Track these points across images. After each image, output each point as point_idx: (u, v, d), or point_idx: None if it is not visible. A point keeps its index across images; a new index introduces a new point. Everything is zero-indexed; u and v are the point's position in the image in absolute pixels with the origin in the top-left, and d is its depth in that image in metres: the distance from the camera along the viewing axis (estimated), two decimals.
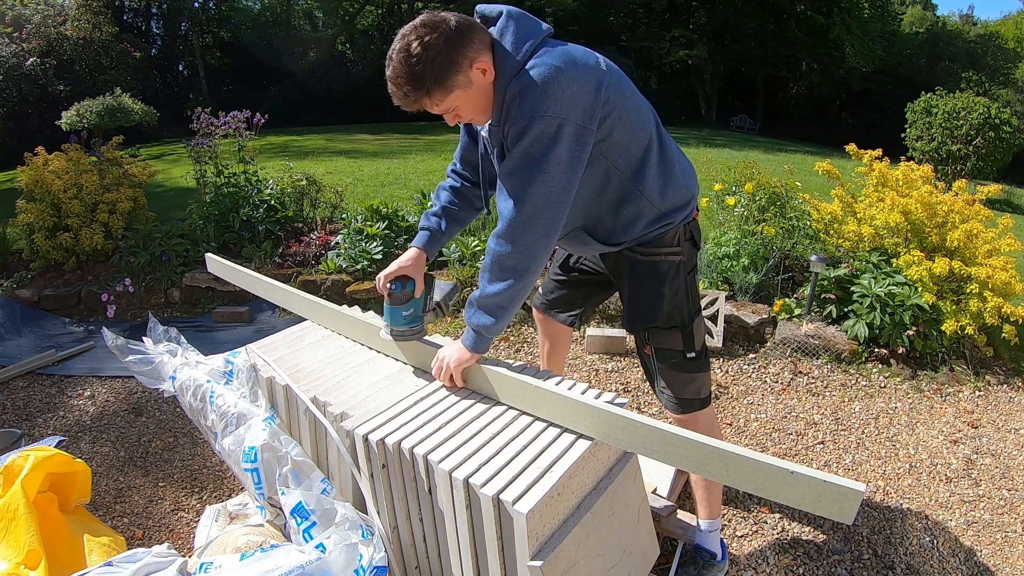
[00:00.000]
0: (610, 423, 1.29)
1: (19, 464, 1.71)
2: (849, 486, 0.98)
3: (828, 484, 1.00)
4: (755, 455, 1.08)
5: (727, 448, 1.11)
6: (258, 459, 1.65)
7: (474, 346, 1.46)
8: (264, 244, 4.25)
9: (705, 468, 1.14)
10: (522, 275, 1.35)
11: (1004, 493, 2.35)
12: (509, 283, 1.36)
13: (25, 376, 3.20)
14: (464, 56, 1.27)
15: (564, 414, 1.39)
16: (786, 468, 1.04)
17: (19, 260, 4.51)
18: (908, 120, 9.73)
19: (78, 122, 7.89)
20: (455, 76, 1.27)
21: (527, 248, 1.33)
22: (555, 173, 1.28)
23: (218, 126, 4.60)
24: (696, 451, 1.15)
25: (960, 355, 3.26)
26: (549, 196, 1.29)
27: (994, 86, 25.12)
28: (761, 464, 1.07)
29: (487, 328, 1.42)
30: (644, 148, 1.44)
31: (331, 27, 22.64)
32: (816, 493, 1.02)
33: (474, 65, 1.29)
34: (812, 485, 1.02)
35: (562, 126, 1.26)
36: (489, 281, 1.39)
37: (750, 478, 1.09)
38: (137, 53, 13.79)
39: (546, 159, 1.27)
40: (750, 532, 2.06)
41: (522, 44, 1.31)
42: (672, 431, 1.18)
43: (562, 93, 1.25)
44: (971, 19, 34.22)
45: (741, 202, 3.89)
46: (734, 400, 2.91)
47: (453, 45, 1.25)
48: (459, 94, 1.30)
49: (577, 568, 1.29)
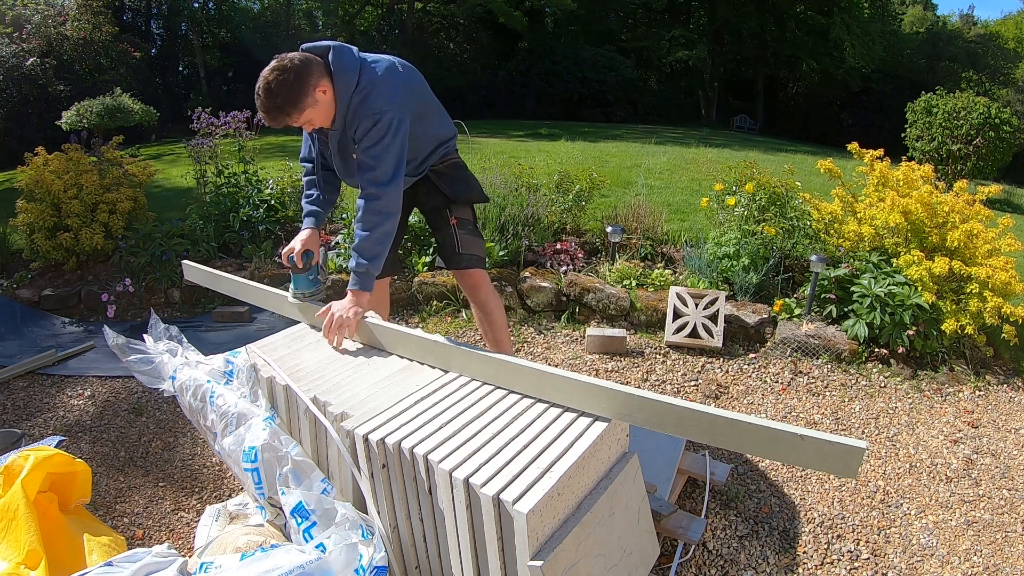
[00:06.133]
0: (626, 403, 1.38)
1: (19, 464, 1.71)
2: (853, 444, 1.12)
3: (834, 444, 1.13)
4: (767, 423, 1.20)
5: (741, 418, 1.22)
6: (258, 459, 1.65)
7: (361, 286, 1.87)
8: (264, 244, 4.25)
9: (719, 437, 1.25)
10: (388, 215, 1.88)
11: (1004, 493, 2.35)
12: (381, 223, 1.88)
13: (25, 376, 3.20)
14: (307, 84, 1.77)
15: (581, 398, 1.45)
16: (797, 433, 1.16)
17: (19, 260, 4.51)
18: (908, 120, 9.72)
19: (78, 122, 7.89)
20: (304, 99, 1.77)
21: (393, 196, 1.89)
22: (400, 145, 1.88)
23: (218, 126, 4.60)
24: (711, 423, 1.25)
25: (960, 355, 3.26)
26: (397, 160, 1.88)
27: (994, 86, 25.10)
28: (774, 431, 1.18)
29: (371, 265, 1.88)
30: (433, 113, 2.11)
31: (331, 27, 22.63)
32: (823, 453, 1.15)
33: (316, 89, 1.79)
34: (820, 446, 1.15)
35: (395, 117, 1.86)
36: (363, 228, 1.87)
37: (763, 445, 1.21)
38: (137, 53, 13.76)
39: (397, 134, 1.86)
40: (750, 532, 2.06)
41: (354, 66, 1.85)
42: (686, 406, 1.28)
43: (394, 92, 1.87)
44: (971, 19, 34.18)
45: (741, 202, 3.89)
46: (734, 400, 2.91)
47: (299, 78, 1.75)
48: (309, 111, 1.81)
49: (577, 568, 1.29)
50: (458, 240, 2.23)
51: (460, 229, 2.23)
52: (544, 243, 4.12)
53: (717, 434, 1.25)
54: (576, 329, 3.52)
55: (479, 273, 2.31)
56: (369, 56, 1.93)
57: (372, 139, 1.85)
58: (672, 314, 3.34)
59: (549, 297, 3.65)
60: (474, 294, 2.35)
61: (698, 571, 1.90)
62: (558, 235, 4.32)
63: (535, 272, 3.80)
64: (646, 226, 4.35)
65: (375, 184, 1.87)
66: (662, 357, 3.26)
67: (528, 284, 3.66)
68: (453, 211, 2.22)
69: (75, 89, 10.73)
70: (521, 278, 3.72)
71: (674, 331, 3.31)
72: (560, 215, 4.37)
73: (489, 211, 3.98)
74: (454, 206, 2.22)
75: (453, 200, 2.21)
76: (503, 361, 1.57)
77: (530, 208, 4.08)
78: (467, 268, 2.27)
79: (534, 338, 3.45)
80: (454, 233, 2.23)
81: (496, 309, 2.37)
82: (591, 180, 4.42)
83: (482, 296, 2.34)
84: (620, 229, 3.84)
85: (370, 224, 1.88)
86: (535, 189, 4.34)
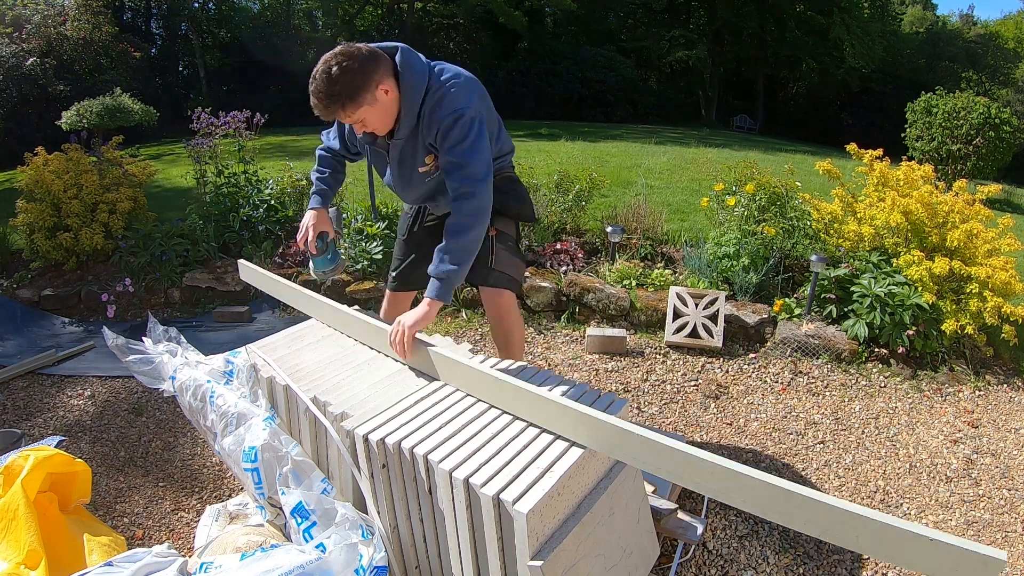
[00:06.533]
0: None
1: (19, 464, 1.71)
2: (991, 555, 0.89)
3: (966, 552, 0.90)
4: (871, 513, 0.98)
5: (838, 505, 0.99)
6: (258, 459, 1.65)
7: (440, 294, 1.72)
8: (264, 244, 4.25)
9: (798, 519, 1.03)
10: (483, 216, 1.75)
11: (1004, 493, 2.35)
12: (475, 225, 1.74)
13: (25, 376, 3.19)
14: (371, 79, 1.63)
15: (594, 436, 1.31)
16: (922, 535, 0.93)
17: (19, 260, 4.51)
18: (908, 120, 9.72)
19: (78, 122, 7.88)
20: (365, 93, 1.63)
21: (487, 194, 1.76)
22: (487, 143, 1.77)
23: (218, 126, 4.60)
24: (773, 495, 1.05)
25: (960, 355, 3.26)
26: (487, 156, 1.77)
27: (994, 86, 25.09)
28: (886, 524, 0.96)
29: (459, 271, 1.73)
30: (495, 125, 1.98)
31: (331, 27, 22.63)
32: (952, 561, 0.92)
33: (379, 86, 1.65)
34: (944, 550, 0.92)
35: (477, 115, 1.75)
36: (456, 229, 1.73)
37: (882, 546, 0.98)
38: (137, 53, 13.76)
39: (482, 131, 1.75)
40: (750, 532, 2.06)
41: (423, 70, 1.73)
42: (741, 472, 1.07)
43: (471, 95, 1.76)
44: (971, 19, 34.15)
45: (741, 202, 3.89)
46: (734, 400, 2.91)
47: (363, 70, 1.62)
48: (366, 108, 1.66)
49: (577, 568, 1.29)
50: (493, 254, 2.02)
51: (498, 242, 2.04)
52: (544, 243, 4.12)
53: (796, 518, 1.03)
54: (576, 329, 3.52)
55: (509, 296, 2.07)
56: (435, 63, 1.81)
57: (457, 137, 1.72)
58: (672, 314, 3.34)
59: (549, 297, 3.65)
60: (499, 322, 2.11)
61: (698, 571, 1.90)
62: (558, 235, 4.32)
63: (535, 272, 3.80)
64: (646, 226, 4.36)
65: (469, 180, 1.72)
66: (662, 357, 3.26)
67: (528, 284, 3.66)
68: (495, 221, 2.00)
69: (75, 89, 10.73)
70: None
71: (674, 331, 3.32)
72: (560, 215, 4.37)
73: None
74: (497, 217, 2.01)
75: (499, 210, 2.00)
76: (508, 385, 1.49)
77: None
78: (496, 287, 2.05)
79: (534, 338, 3.45)
80: (491, 245, 2.02)
81: (518, 339, 2.15)
82: (591, 180, 4.42)
83: (507, 325, 2.10)
84: (620, 229, 3.84)
85: (465, 225, 1.72)
86: (535, 189, 4.35)
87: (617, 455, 1.28)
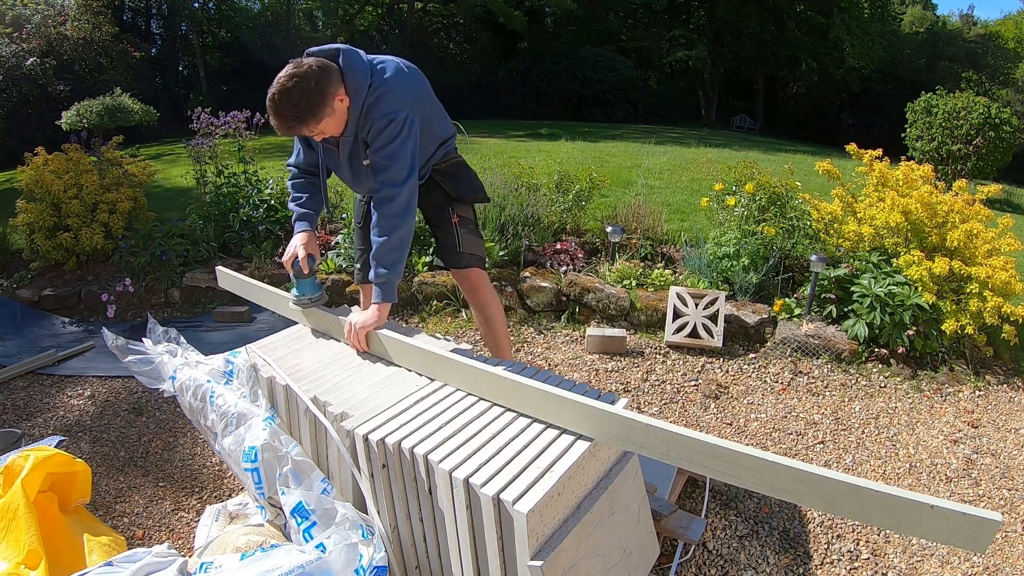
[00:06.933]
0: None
1: (19, 464, 1.71)
2: (988, 516, 0.96)
3: (966, 516, 0.97)
4: (860, 481, 1.05)
5: (833, 477, 1.07)
6: (258, 459, 1.65)
7: (384, 297, 1.82)
8: (264, 244, 4.25)
9: (806, 497, 1.10)
10: (405, 216, 1.84)
11: (1004, 493, 2.35)
12: (398, 226, 1.83)
13: (25, 376, 3.20)
14: (327, 92, 1.71)
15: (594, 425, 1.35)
16: (923, 502, 1.00)
17: (19, 260, 4.51)
18: (908, 120, 9.71)
19: (78, 122, 7.89)
20: (324, 108, 1.72)
21: (408, 196, 1.85)
22: (414, 142, 1.86)
23: (218, 126, 4.60)
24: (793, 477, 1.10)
25: (960, 355, 3.26)
26: (412, 159, 1.85)
27: (994, 86, 25.07)
28: (887, 494, 1.03)
29: (391, 274, 1.83)
30: (436, 114, 2.10)
31: (331, 27, 22.62)
32: (951, 526, 0.99)
33: (335, 97, 1.74)
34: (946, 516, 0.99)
35: (408, 116, 1.83)
36: (379, 233, 1.83)
37: (886, 515, 1.05)
38: (137, 53, 13.75)
39: (410, 133, 1.84)
40: (750, 532, 2.06)
41: (365, 69, 1.80)
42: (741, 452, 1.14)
43: (405, 94, 1.85)
44: (971, 19, 34.13)
45: (741, 202, 3.89)
46: (734, 400, 2.91)
47: (319, 87, 1.69)
48: (327, 120, 1.75)
49: (577, 568, 1.29)
50: (459, 239, 2.22)
51: (462, 228, 2.22)
52: (544, 243, 4.12)
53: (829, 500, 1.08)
54: (576, 329, 3.52)
55: (479, 273, 2.30)
56: (375, 58, 1.90)
57: (386, 139, 1.81)
58: (672, 314, 3.34)
59: (549, 297, 3.65)
60: (473, 295, 2.33)
61: (698, 571, 1.90)
62: (558, 235, 4.32)
63: (535, 272, 3.80)
64: (646, 226, 4.35)
65: (390, 184, 1.82)
66: (662, 357, 3.26)
67: (528, 284, 3.66)
68: (455, 209, 2.20)
69: (75, 89, 10.73)
70: (521, 278, 3.72)
71: (674, 331, 3.31)
72: (560, 215, 4.37)
73: (489, 211, 3.98)
74: (457, 204, 2.20)
75: (456, 198, 2.19)
76: (502, 378, 1.51)
77: (530, 208, 4.08)
78: (467, 267, 2.26)
79: (534, 338, 3.45)
80: (456, 232, 2.21)
81: (496, 311, 2.35)
82: (591, 180, 4.42)
83: (481, 298, 2.32)
84: (620, 229, 3.84)
85: (386, 228, 1.83)
86: (535, 189, 4.34)
87: (625, 445, 1.29)
